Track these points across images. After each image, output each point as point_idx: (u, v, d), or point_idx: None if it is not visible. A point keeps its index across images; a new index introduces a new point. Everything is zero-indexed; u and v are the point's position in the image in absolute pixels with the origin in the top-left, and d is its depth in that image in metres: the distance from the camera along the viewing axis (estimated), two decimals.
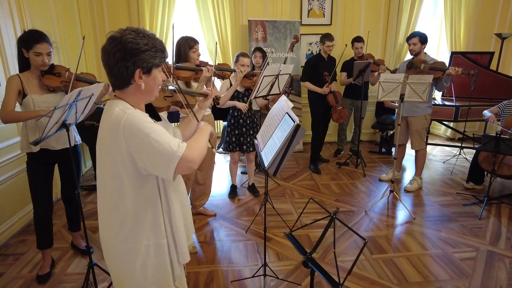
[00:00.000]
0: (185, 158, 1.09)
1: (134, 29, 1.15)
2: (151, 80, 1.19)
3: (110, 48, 1.12)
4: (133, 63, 1.12)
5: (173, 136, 1.14)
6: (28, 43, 2.03)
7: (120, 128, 1.09)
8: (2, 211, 2.80)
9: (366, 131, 5.62)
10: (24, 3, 3.15)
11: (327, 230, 1.70)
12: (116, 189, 1.17)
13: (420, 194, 3.75)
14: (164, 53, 1.21)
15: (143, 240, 1.23)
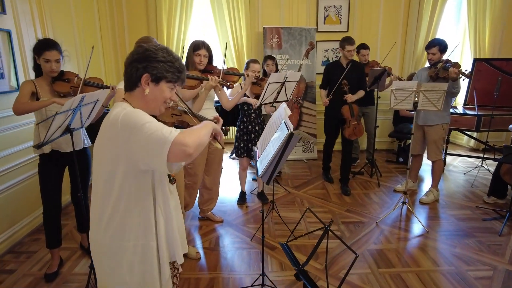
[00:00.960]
0: (177, 141, 1.07)
1: (163, 47, 1.25)
2: (157, 91, 1.23)
3: (133, 51, 1.25)
4: (144, 67, 1.20)
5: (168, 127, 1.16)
6: (39, 50, 2.14)
7: (118, 123, 1.12)
8: (18, 211, 2.93)
9: (383, 140, 5.47)
10: (46, 13, 3.32)
11: (321, 242, 1.65)
12: (108, 185, 1.20)
13: (436, 207, 3.59)
14: (181, 74, 1.26)
15: (131, 239, 1.24)
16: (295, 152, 5.22)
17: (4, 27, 2.82)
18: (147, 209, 1.25)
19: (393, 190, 3.97)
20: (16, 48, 2.92)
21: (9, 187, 2.82)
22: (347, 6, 5.09)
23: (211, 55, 2.81)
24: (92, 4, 4.40)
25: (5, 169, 2.77)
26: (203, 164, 3.04)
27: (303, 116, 5.14)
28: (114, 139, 1.14)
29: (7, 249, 2.79)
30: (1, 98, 2.74)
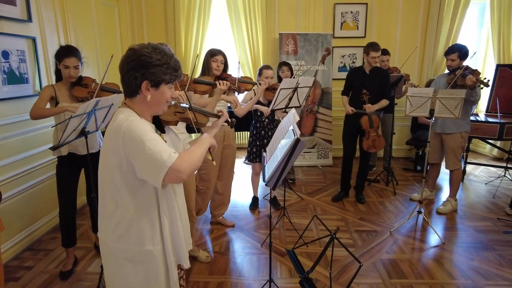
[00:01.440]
0: (174, 168, 1.12)
1: (154, 46, 1.23)
2: (159, 94, 1.24)
3: (126, 57, 1.21)
4: (142, 75, 1.19)
5: (168, 147, 1.18)
6: (59, 56, 2.25)
7: (121, 133, 1.16)
8: (37, 210, 3.04)
9: (401, 147, 5.35)
10: (70, 20, 3.46)
11: (327, 249, 1.63)
12: (113, 190, 1.23)
13: (453, 217, 3.47)
14: (177, 72, 1.26)
15: (136, 243, 1.27)
16: (310, 158, 5.18)
17: (30, 34, 2.96)
18: (152, 214, 1.27)
19: (409, 199, 3.87)
20: (40, 54, 3.07)
21: (29, 187, 2.94)
22: (365, 11, 5.05)
23: (226, 63, 2.88)
24: (113, 12, 4.56)
25: (26, 169, 2.89)
26: (216, 169, 3.07)
27: (318, 122, 5.11)
28: (116, 148, 1.18)
29: (26, 246, 2.91)
30: (25, 101, 2.87)
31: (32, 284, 2.45)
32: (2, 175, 2.66)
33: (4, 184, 2.66)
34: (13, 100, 2.78)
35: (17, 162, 2.81)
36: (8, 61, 2.75)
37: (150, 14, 5.12)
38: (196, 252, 2.75)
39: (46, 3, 3.17)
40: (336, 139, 5.29)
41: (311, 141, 5.16)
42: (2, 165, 2.66)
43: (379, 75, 3.54)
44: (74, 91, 2.31)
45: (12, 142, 2.76)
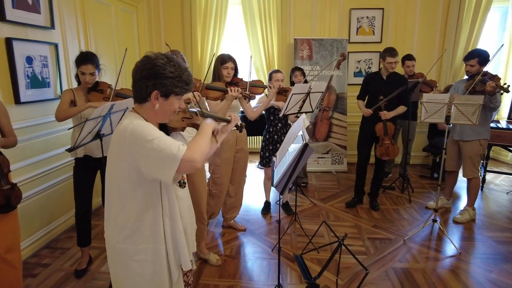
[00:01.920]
0: (186, 159, 1.16)
1: (170, 57, 1.27)
2: (167, 105, 1.28)
3: (140, 64, 1.25)
4: (154, 84, 1.23)
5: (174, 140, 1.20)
6: (77, 62, 2.37)
7: (126, 136, 1.19)
8: (56, 209, 3.15)
9: (419, 154, 5.24)
10: (90, 27, 3.59)
11: (334, 255, 1.62)
12: (119, 192, 1.28)
13: (471, 227, 3.36)
14: (188, 85, 1.30)
15: (142, 242, 1.31)
16: (324, 164, 5.14)
17: (52, 41, 3.09)
18: (155, 215, 1.31)
19: (425, 207, 3.78)
20: (62, 60, 3.19)
21: (48, 187, 3.05)
22: (381, 16, 5.00)
23: (236, 68, 2.92)
24: (131, 19, 4.70)
25: (45, 170, 3.01)
26: (229, 173, 3.10)
27: (333, 128, 5.07)
28: (122, 151, 1.22)
29: (45, 244, 3.01)
30: (46, 104, 2.99)
31: (48, 281, 2.53)
32: (23, 175, 2.77)
33: (25, 183, 2.77)
34: (35, 103, 2.90)
35: (38, 162, 2.92)
36: (31, 66, 2.87)
37: (167, 20, 5.25)
38: (207, 255, 2.78)
39: (68, 11, 3.30)
40: (351, 145, 5.23)
41: (325, 146, 5.12)
42: (24, 165, 2.77)
43: (396, 81, 3.46)
44: (90, 96, 2.40)
45: (33, 144, 2.88)
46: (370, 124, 3.53)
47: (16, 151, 2.58)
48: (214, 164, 3.04)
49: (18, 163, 2.71)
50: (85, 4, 3.51)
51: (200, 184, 2.59)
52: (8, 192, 1.98)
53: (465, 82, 3.32)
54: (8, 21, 2.63)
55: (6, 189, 1.96)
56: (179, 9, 5.16)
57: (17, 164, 2.69)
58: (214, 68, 2.87)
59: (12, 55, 2.66)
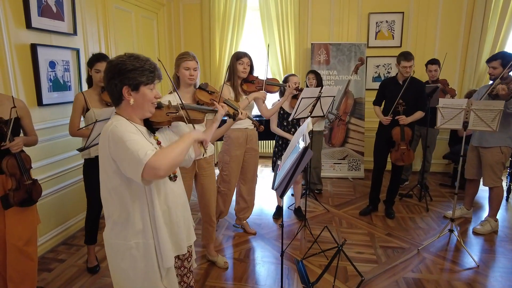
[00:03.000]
0: (149, 165, 1.18)
1: (130, 54, 1.33)
2: (140, 97, 1.33)
3: (105, 70, 1.33)
4: (120, 81, 1.29)
5: (148, 145, 1.25)
6: (92, 62, 2.47)
7: (107, 136, 1.26)
8: (73, 207, 3.28)
9: (439, 162, 5.06)
10: (111, 33, 3.74)
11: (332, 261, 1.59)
12: (108, 189, 1.34)
13: (492, 239, 3.20)
14: (154, 73, 1.34)
15: (132, 238, 1.35)
16: (340, 170, 5.07)
17: (74, 46, 3.25)
18: (142, 209, 1.35)
19: (443, 216, 3.64)
20: (83, 64, 3.34)
21: (67, 186, 3.19)
22: (401, 20, 4.90)
23: (252, 65, 2.94)
24: (152, 24, 4.85)
25: (64, 169, 3.15)
26: (237, 171, 3.12)
27: (349, 133, 5.00)
28: (106, 151, 1.28)
29: (62, 241, 3.14)
30: (67, 107, 3.13)
31: (63, 275, 2.63)
32: (44, 173, 2.91)
33: (45, 181, 2.91)
34: (56, 106, 3.05)
35: (57, 162, 3.06)
36: (54, 71, 3.03)
37: (187, 25, 5.38)
38: (215, 257, 2.80)
39: (90, 18, 3.46)
40: (368, 151, 5.12)
41: (341, 152, 5.05)
42: (44, 164, 2.91)
43: (413, 86, 3.35)
44: (104, 96, 2.48)
45: (53, 144, 3.02)
46: (387, 129, 3.44)
47: (37, 150, 2.73)
48: (223, 161, 3.06)
49: (39, 162, 2.85)
50: (106, 11, 3.66)
51: (209, 187, 2.61)
52: (30, 187, 2.10)
53: (488, 87, 3.19)
54: (34, 28, 2.79)
55: (28, 184, 2.08)
56: (198, 15, 5.28)
57: (38, 163, 2.83)
58: (230, 65, 2.90)
59: (37, 60, 2.82)
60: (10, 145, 1.96)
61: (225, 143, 3.06)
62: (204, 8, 5.17)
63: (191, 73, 2.33)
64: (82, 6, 3.34)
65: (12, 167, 2.01)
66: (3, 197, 2.01)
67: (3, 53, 2.55)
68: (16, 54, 2.67)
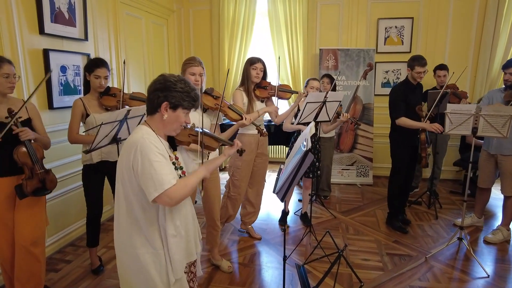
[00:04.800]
0: (167, 193, 1.29)
1: (182, 77, 1.45)
2: (174, 116, 1.42)
3: (155, 80, 1.43)
4: (165, 96, 1.39)
5: (173, 171, 1.35)
6: (91, 67, 2.44)
7: (135, 148, 1.32)
8: (82, 209, 3.30)
9: (450, 169, 4.96)
10: (121, 39, 3.82)
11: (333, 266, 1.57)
12: (126, 197, 1.38)
13: (505, 249, 3.11)
14: (195, 102, 1.46)
15: (143, 247, 1.40)
16: (349, 176, 5.02)
17: (85, 51, 3.32)
18: (152, 221, 1.40)
19: (453, 224, 3.56)
20: None
21: (76, 188, 3.23)
22: (410, 26, 4.86)
23: (265, 71, 2.97)
24: (162, 31, 4.93)
25: (72, 172, 3.20)
26: (248, 176, 3.12)
27: (358, 139, 4.95)
28: (130, 160, 1.33)
29: (69, 242, 3.19)
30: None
31: (69, 276, 2.67)
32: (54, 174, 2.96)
33: None
34: (66, 109, 3.11)
35: (67, 164, 3.12)
36: (65, 75, 3.10)
37: (196, 31, 5.46)
38: (219, 261, 2.80)
39: (101, 24, 3.54)
40: (377, 157, 5.08)
41: (350, 158, 5.00)
42: (55, 165, 2.97)
43: (421, 90, 3.37)
44: (103, 100, 2.50)
45: (64, 146, 3.07)
46: (409, 143, 3.30)
47: (49, 152, 2.77)
48: (235, 166, 3.06)
49: (50, 164, 2.90)
50: (117, 17, 3.75)
51: (214, 192, 2.62)
52: (43, 176, 2.14)
53: (502, 91, 3.13)
54: (47, 34, 2.87)
55: (40, 172, 2.12)
56: (208, 21, 5.35)
57: (49, 165, 2.88)
58: (243, 70, 2.94)
59: (48, 64, 2.90)
60: (19, 130, 1.98)
61: None
62: (213, 14, 5.24)
63: (196, 78, 2.36)
64: (94, 12, 3.43)
65: (22, 156, 2.04)
66: (17, 186, 2.06)
67: (16, 57, 2.63)
68: (29, 59, 2.75)
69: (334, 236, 3.35)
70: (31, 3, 2.75)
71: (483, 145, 3.34)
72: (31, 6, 2.75)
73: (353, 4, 4.96)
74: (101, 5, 3.53)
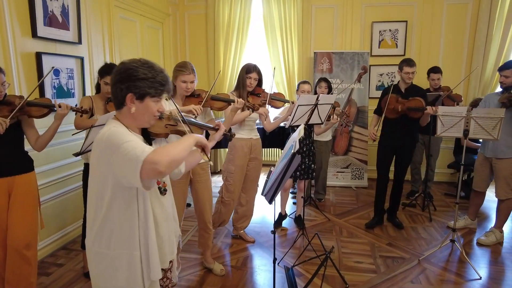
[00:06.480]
0: (147, 160, 1.12)
1: (144, 61, 1.28)
2: (143, 107, 1.28)
3: (116, 70, 1.28)
4: (127, 87, 1.25)
5: (145, 145, 1.20)
6: (102, 73, 2.52)
7: (103, 141, 1.22)
8: (74, 212, 3.31)
9: (445, 171, 4.97)
10: (115, 42, 3.83)
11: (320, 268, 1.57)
12: (98, 196, 1.29)
13: (498, 250, 3.12)
14: (164, 86, 1.29)
15: (117, 248, 1.30)
16: (343, 179, 5.02)
17: (79, 55, 3.33)
18: (132, 220, 1.30)
19: (446, 227, 3.56)
20: (87, 72, 3.42)
21: (67, 192, 3.23)
22: (404, 29, 4.89)
23: (260, 79, 2.98)
24: (157, 34, 4.95)
25: (65, 175, 3.19)
26: (241, 181, 3.13)
27: (353, 141, 4.97)
28: (100, 157, 1.24)
29: (62, 246, 3.17)
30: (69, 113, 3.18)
31: (60, 279, 2.66)
32: (46, 178, 2.96)
33: (47, 187, 2.96)
34: None
35: (57, 168, 3.11)
36: (58, 78, 3.11)
37: (192, 34, 5.48)
38: (211, 264, 2.79)
39: (95, 27, 3.55)
40: (372, 160, 5.06)
41: (345, 160, 5.01)
42: (46, 169, 2.97)
43: (415, 93, 3.31)
44: (109, 107, 2.52)
45: (55, 150, 3.08)
46: (391, 137, 3.41)
47: (41, 155, 2.77)
48: (228, 170, 3.07)
49: (42, 167, 2.90)
50: (112, 20, 3.76)
51: (205, 193, 2.62)
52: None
53: (498, 95, 3.12)
54: (40, 37, 2.88)
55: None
56: (203, 24, 5.37)
57: (41, 168, 2.88)
58: (239, 76, 2.95)
59: (41, 67, 2.90)
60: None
61: (230, 153, 3.08)
62: (209, 17, 5.26)
63: (187, 86, 2.38)
64: (88, 16, 3.44)
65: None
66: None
67: (8, 61, 2.63)
68: (21, 62, 2.75)
69: (328, 239, 3.35)
70: (23, 7, 2.75)
71: (480, 148, 3.34)
72: (23, 10, 2.76)
73: (348, 7, 5.00)
74: (95, 8, 3.54)
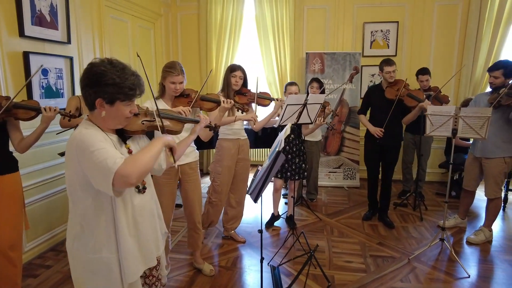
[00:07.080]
0: (118, 173, 1.12)
1: (116, 63, 1.24)
2: (114, 111, 1.26)
3: (84, 72, 1.25)
4: (95, 92, 1.22)
5: (116, 153, 1.19)
6: None
7: (75, 144, 1.21)
8: (63, 213, 3.28)
9: (436, 171, 5.00)
10: (106, 42, 3.81)
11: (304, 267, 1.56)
12: (73, 197, 1.28)
13: (487, 249, 3.14)
14: (133, 90, 1.26)
15: (94, 251, 1.28)
16: (336, 179, 5.03)
17: (68, 55, 3.30)
18: (107, 222, 1.28)
19: (437, 226, 3.58)
20: (76, 72, 3.39)
21: (55, 193, 3.19)
22: (396, 30, 4.92)
23: (245, 78, 2.98)
24: (149, 34, 4.93)
25: (52, 176, 3.16)
26: (229, 182, 3.12)
27: (345, 142, 4.98)
28: (72, 159, 1.23)
29: (50, 247, 3.14)
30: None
31: (48, 281, 2.63)
32: (34, 179, 2.93)
33: (34, 188, 2.93)
34: None
35: (45, 169, 3.08)
36: (46, 78, 3.08)
37: (184, 35, 5.46)
38: (201, 264, 2.77)
39: (85, 27, 3.53)
40: (363, 160, 5.09)
41: (337, 161, 5.02)
42: (33, 170, 2.93)
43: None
44: None
45: (43, 150, 3.04)
46: (375, 138, 3.44)
47: (28, 156, 2.75)
48: (215, 172, 3.06)
49: (29, 167, 2.87)
50: (102, 20, 3.73)
51: (193, 193, 2.61)
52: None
53: (488, 95, 3.14)
54: (27, 36, 2.85)
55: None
56: (195, 25, 5.36)
57: (28, 169, 2.85)
58: (224, 76, 2.96)
59: (29, 67, 2.87)
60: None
61: (217, 154, 3.07)
62: (201, 18, 5.25)
63: (176, 87, 2.37)
64: (77, 15, 3.41)
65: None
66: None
67: None
68: (8, 62, 2.72)
69: (319, 239, 3.35)
70: (10, 6, 2.73)
71: (470, 148, 3.36)
72: (10, 9, 2.73)
73: (339, 8, 5.01)
74: (84, 8, 3.51)
